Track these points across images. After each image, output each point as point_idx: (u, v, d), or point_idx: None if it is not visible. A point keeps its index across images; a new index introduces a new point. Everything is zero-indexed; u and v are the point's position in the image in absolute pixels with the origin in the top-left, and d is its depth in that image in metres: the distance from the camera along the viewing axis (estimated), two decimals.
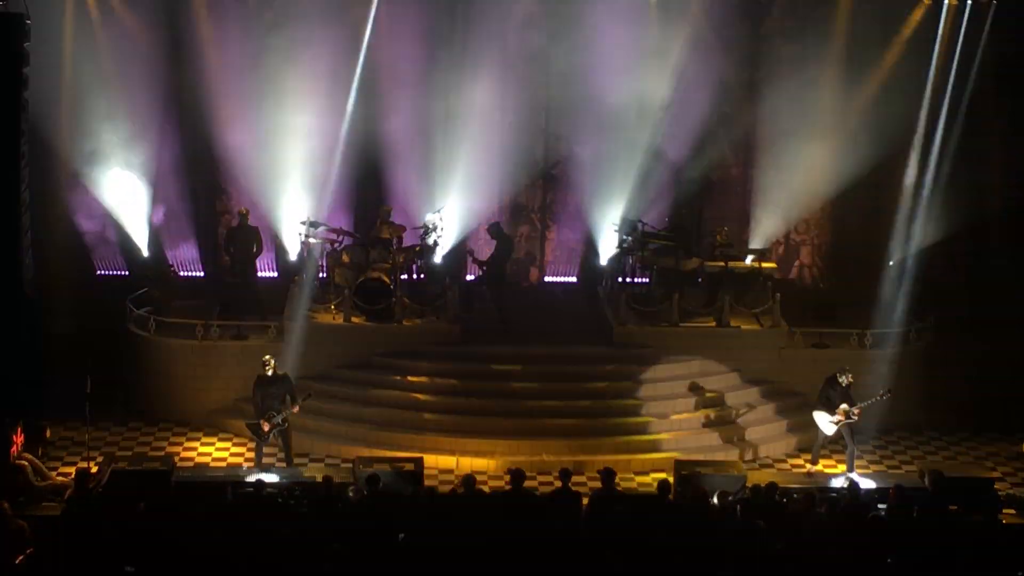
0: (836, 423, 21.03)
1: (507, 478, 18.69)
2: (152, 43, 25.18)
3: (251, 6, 25.79)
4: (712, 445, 22.49)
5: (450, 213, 25.64)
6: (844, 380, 21.07)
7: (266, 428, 20.47)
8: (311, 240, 24.79)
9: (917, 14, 25.74)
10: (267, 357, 20.68)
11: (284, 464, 20.78)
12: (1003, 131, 25.51)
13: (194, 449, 22.40)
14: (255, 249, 24.79)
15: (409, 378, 23.28)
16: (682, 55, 25.70)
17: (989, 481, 20.28)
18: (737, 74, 26.50)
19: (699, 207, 27.20)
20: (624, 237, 25.17)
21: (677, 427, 22.71)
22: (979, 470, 21.24)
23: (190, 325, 23.57)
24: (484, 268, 24.61)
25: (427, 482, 19.69)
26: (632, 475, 21.55)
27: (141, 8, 25.09)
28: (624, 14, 25.33)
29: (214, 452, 22.30)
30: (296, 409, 20.58)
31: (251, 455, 21.21)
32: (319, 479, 18.21)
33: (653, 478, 20.48)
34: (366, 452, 21.02)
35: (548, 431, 22.38)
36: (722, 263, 24.66)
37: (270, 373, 20.55)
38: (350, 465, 20.47)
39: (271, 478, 19.62)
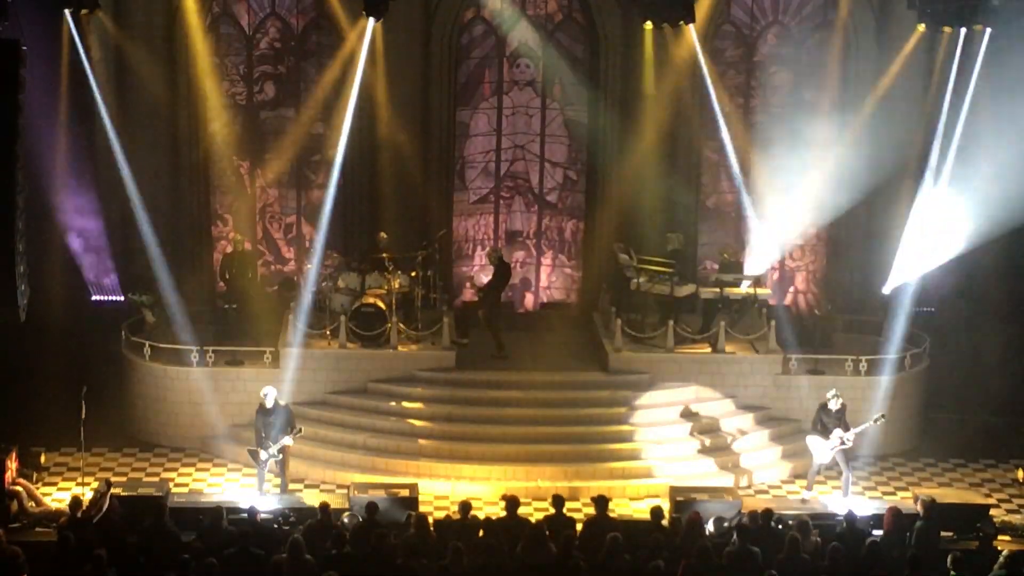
0: (831, 449, 21.00)
1: (502, 504, 18.66)
2: (148, 67, 25.19)
3: (247, 34, 25.91)
4: (707, 471, 22.46)
5: (446, 238, 25.67)
6: (835, 404, 21.05)
7: (263, 456, 20.50)
8: (307, 265, 24.80)
9: (913, 41, 25.79)
10: (265, 391, 20.70)
11: (279, 491, 20.78)
12: (998, 157, 25.51)
13: (189, 475, 22.37)
14: (251, 275, 24.79)
15: (404, 404, 23.24)
16: (677, 81, 25.81)
17: (984, 507, 20.27)
18: (732, 100, 26.56)
19: (694, 233, 27.21)
20: (619, 263, 25.14)
21: (672, 453, 22.69)
22: (974, 496, 21.20)
23: (185, 351, 23.54)
24: (481, 294, 24.59)
25: (422, 508, 19.70)
26: (628, 501, 21.53)
27: (137, 33, 25.12)
28: (618, 39, 25.40)
29: (209, 478, 22.27)
30: (281, 444, 20.55)
31: (248, 482, 21.18)
32: (315, 505, 18.18)
33: (648, 505, 20.44)
34: (361, 478, 21.02)
35: (543, 457, 22.36)
36: (717, 289, 24.66)
37: (269, 404, 20.59)
38: (345, 491, 20.48)
39: (267, 504, 19.63)
